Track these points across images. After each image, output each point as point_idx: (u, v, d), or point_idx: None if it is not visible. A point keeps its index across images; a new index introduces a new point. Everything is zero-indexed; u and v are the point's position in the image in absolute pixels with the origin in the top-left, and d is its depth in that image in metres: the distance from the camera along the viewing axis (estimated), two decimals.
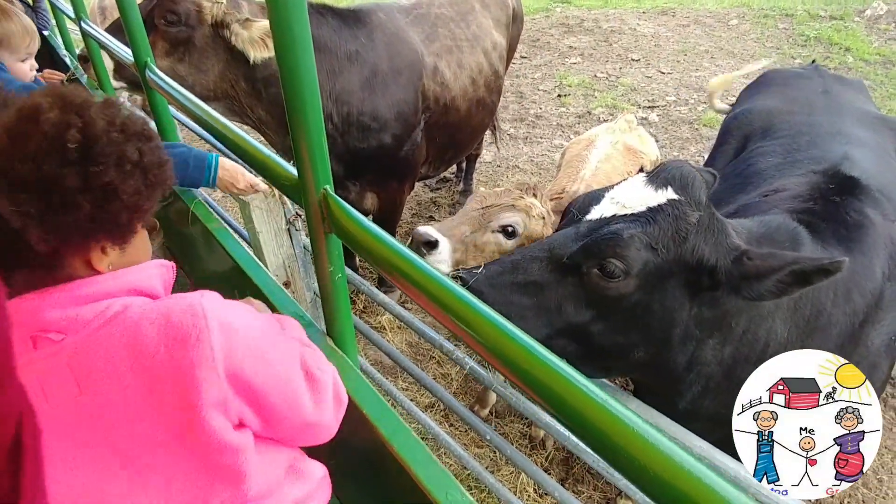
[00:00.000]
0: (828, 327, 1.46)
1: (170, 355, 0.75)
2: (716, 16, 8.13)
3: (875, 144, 2.04)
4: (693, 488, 0.61)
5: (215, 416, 0.76)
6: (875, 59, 6.50)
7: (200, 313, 0.77)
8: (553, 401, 0.73)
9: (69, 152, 0.75)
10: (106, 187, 0.78)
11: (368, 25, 2.80)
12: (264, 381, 0.82)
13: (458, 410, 2.27)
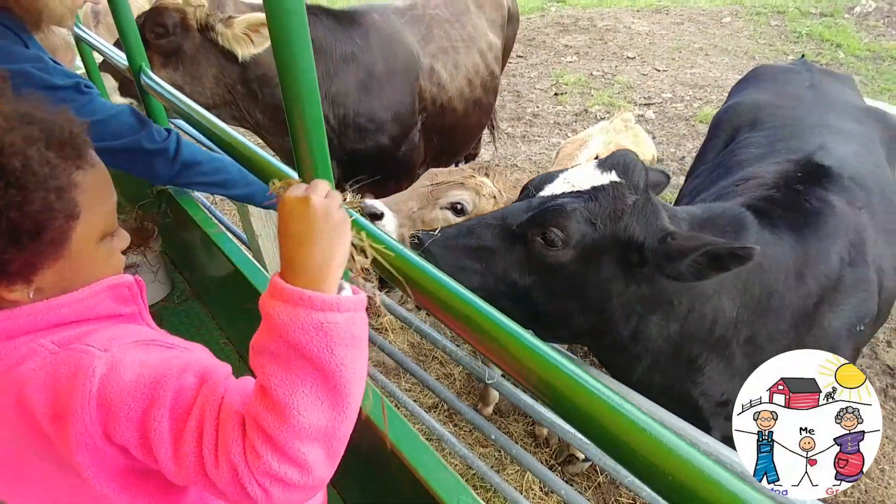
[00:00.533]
0: (781, 308, 1.53)
1: (52, 422, 0.70)
2: (709, 14, 8.17)
3: (859, 135, 2.07)
4: (707, 489, 0.61)
5: (90, 464, 0.72)
6: (865, 55, 6.54)
7: (88, 388, 0.69)
8: (566, 407, 0.73)
9: None
10: None
11: (364, 26, 2.80)
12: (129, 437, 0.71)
13: (461, 410, 2.27)
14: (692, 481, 0.62)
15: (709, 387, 1.59)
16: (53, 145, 0.72)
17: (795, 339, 1.57)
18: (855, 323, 1.62)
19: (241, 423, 0.67)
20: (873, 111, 2.31)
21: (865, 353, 3.09)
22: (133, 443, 0.69)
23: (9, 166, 0.67)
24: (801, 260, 1.55)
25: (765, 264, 1.50)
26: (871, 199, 1.79)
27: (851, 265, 1.60)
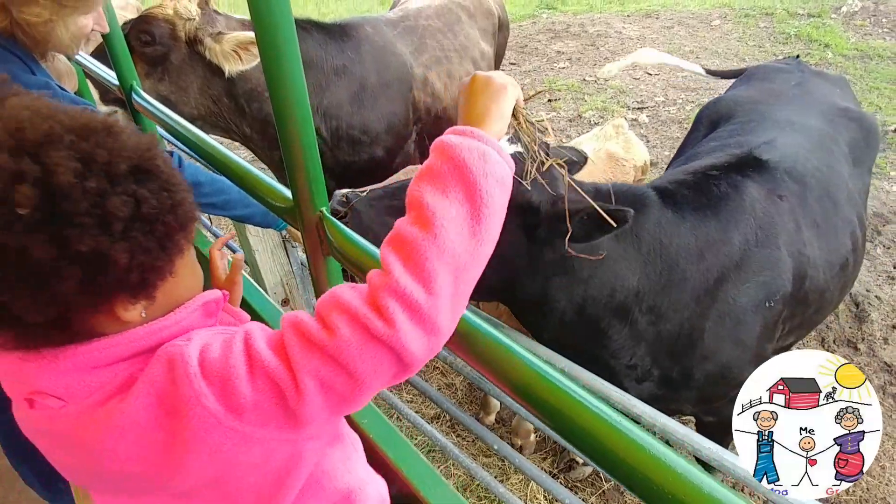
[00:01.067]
0: (682, 282, 1.66)
1: (165, 432, 0.66)
2: (698, 17, 8.23)
3: (821, 134, 2.18)
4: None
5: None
6: (853, 54, 6.60)
7: (189, 371, 0.65)
8: (567, 428, 0.72)
9: (21, 215, 0.55)
10: (89, 253, 0.59)
11: (355, 39, 2.81)
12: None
13: (463, 420, 2.26)
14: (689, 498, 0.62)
15: (616, 349, 1.72)
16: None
17: (698, 311, 1.70)
18: (763, 299, 1.74)
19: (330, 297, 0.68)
20: (851, 112, 2.36)
21: (862, 350, 3.10)
22: (258, 399, 0.64)
23: (155, 169, 0.66)
24: (703, 238, 1.68)
25: (665, 241, 1.64)
26: (805, 193, 1.91)
27: (757, 246, 1.73)
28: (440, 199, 0.69)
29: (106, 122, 0.65)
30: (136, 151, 0.64)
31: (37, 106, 0.61)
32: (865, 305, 3.31)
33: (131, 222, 0.61)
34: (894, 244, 3.81)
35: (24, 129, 0.58)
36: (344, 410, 0.68)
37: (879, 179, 4.48)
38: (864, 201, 2.30)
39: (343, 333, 0.64)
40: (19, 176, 0.55)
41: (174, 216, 0.67)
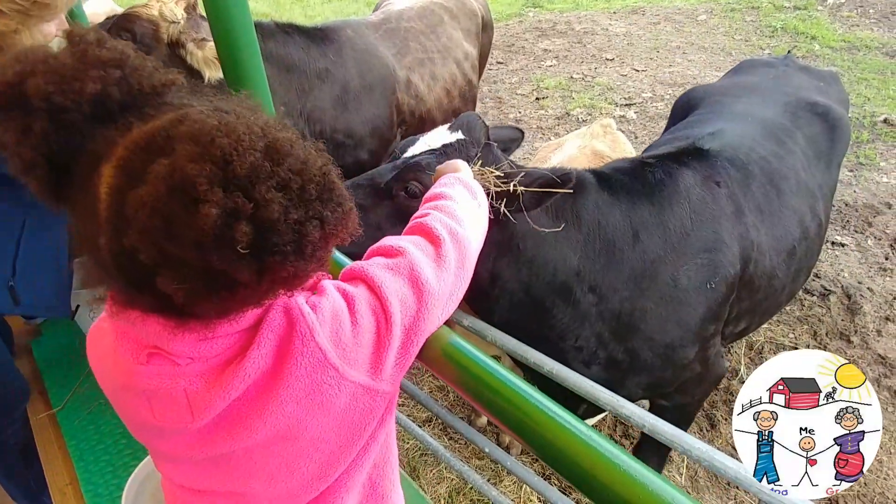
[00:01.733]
0: (620, 263, 1.73)
1: (275, 370, 0.73)
2: (684, 12, 8.25)
3: (774, 125, 2.25)
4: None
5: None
6: (841, 46, 6.62)
7: (306, 324, 0.74)
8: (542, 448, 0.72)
9: (239, 251, 0.59)
10: (285, 273, 0.64)
11: (337, 42, 2.79)
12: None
13: (455, 424, 2.23)
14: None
15: (562, 330, 1.78)
16: None
17: (637, 291, 1.76)
18: (704, 280, 1.81)
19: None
20: (818, 106, 2.39)
21: (856, 342, 3.09)
22: (357, 332, 0.75)
23: (334, 186, 0.69)
24: (637, 221, 1.75)
25: (603, 222, 1.71)
26: (747, 180, 1.99)
27: (694, 230, 1.79)
28: (451, 190, 1.08)
29: (290, 139, 0.66)
30: (319, 171, 0.66)
31: (231, 130, 0.61)
32: (858, 297, 3.30)
33: (319, 242, 0.66)
34: (885, 235, 3.81)
35: (232, 162, 0.59)
36: (413, 342, 0.80)
37: (869, 170, 4.48)
38: (828, 193, 2.34)
39: (412, 252, 0.84)
40: (235, 213, 0.58)
41: (346, 227, 0.71)
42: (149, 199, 0.58)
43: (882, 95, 5.50)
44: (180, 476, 0.83)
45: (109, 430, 1.80)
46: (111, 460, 1.70)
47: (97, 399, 1.92)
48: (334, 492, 0.82)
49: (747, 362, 3.02)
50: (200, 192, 0.57)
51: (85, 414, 1.86)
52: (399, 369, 0.79)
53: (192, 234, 0.57)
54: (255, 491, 0.78)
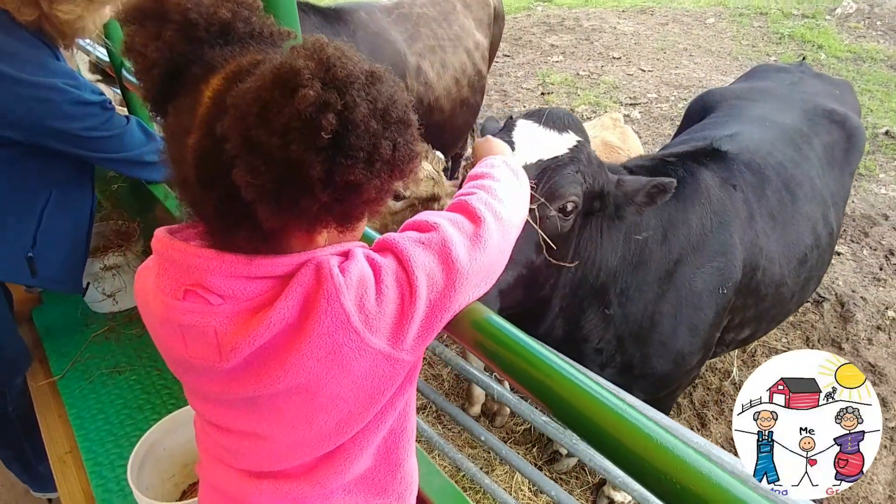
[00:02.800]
0: (649, 262, 1.70)
1: (299, 324, 0.75)
2: (693, 14, 8.24)
3: (792, 131, 2.24)
4: (705, 488, 0.61)
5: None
6: (846, 56, 6.65)
7: (333, 284, 0.74)
8: (561, 407, 0.73)
9: (321, 138, 0.64)
10: (349, 184, 0.68)
11: (350, 24, 2.77)
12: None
13: (450, 411, 2.26)
14: (690, 482, 0.62)
15: (589, 331, 1.76)
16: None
17: (658, 293, 1.74)
18: (717, 285, 1.79)
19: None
20: (836, 114, 2.39)
21: (847, 350, 3.14)
22: (382, 301, 0.76)
23: (412, 121, 0.74)
24: (666, 219, 1.73)
25: (637, 219, 1.68)
26: (762, 185, 1.97)
27: (713, 231, 1.79)
28: (496, 171, 1.04)
29: (385, 72, 0.73)
30: (402, 102, 0.73)
31: (340, 48, 0.71)
32: (851, 306, 3.35)
33: (387, 164, 0.71)
34: (881, 246, 3.86)
35: (335, 66, 0.67)
36: (437, 318, 0.81)
37: (868, 182, 4.52)
38: (840, 202, 2.34)
39: (445, 228, 0.84)
40: (326, 104, 0.64)
41: (412, 165, 0.76)
42: (252, 86, 0.66)
43: (885, 108, 5.54)
44: (209, 413, 0.87)
45: (111, 399, 1.79)
46: (112, 430, 1.69)
47: (99, 368, 1.91)
48: (349, 449, 0.85)
49: (740, 364, 3.06)
50: (302, 80, 0.64)
51: (86, 383, 1.85)
52: (421, 341, 0.81)
53: (282, 118, 0.63)
54: (275, 436, 0.81)
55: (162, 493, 1.38)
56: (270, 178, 0.65)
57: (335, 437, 0.83)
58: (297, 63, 0.65)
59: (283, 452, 0.83)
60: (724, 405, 2.87)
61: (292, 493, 0.85)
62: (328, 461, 0.85)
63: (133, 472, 1.27)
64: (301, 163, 0.64)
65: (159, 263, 0.80)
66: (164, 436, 1.41)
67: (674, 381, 1.90)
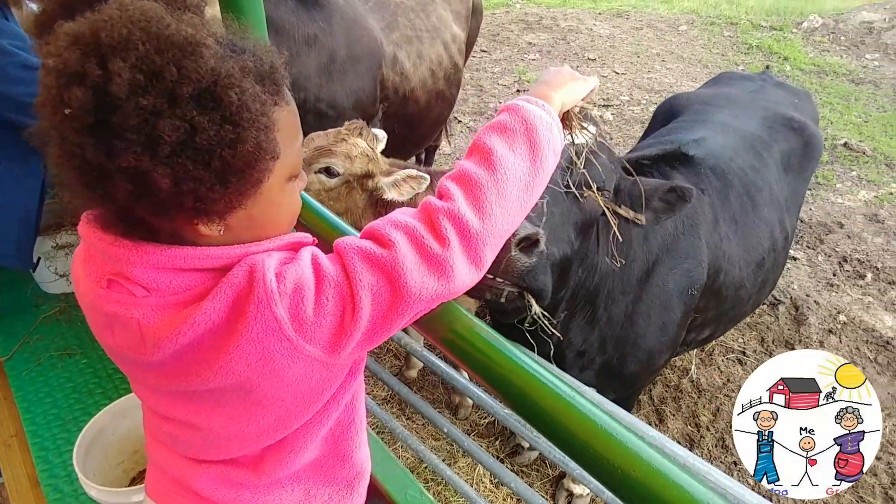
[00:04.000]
0: (633, 263, 1.71)
1: (228, 327, 0.71)
2: (667, 21, 8.39)
3: (753, 137, 2.30)
4: (654, 481, 0.62)
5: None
6: (810, 69, 6.88)
7: (265, 291, 0.69)
8: (519, 401, 0.73)
9: (69, 115, 0.57)
10: (130, 169, 0.59)
11: (327, 9, 2.72)
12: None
13: (415, 403, 2.25)
14: (641, 475, 0.62)
15: (574, 335, 1.75)
16: (261, 78, 0.68)
17: (637, 293, 1.76)
18: (686, 286, 1.84)
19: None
20: (794, 122, 2.47)
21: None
22: (319, 312, 0.71)
23: (226, 99, 0.62)
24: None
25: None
26: (726, 190, 2.03)
27: (684, 234, 1.83)
28: (507, 150, 0.80)
29: (192, 40, 0.62)
30: (210, 76, 0.62)
31: (136, 7, 0.61)
32: (804, 309, 3.47)
33: (180, 148, 0.60)
34: (835, 253, 4.01)
35: (103, 29, 0.58)
36: (379, 334, 0.75)
37: (826, 191, 4.69)
38: (795, 208, 2.43)
39: (401, 248, 0.73)
40: (80, 77, 0.57)
41: (233, 152, 0.64)
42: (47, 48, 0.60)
43: (844, 120, 5.76)
44: (147, 399, 0.84)
45: (59, 383, 1.72)
46: (60, 414, 1.63)
47: (48, 350, 1.84)
48: (293, 441, 0.83)
49: (697, 363, 3.15)
50: (61, 47, 0.58)
51: (34, 365, 1.78)
52: (360, 350, 0.76)
53: (44, 93, 0.59)
54: (213, 428, 0.79)
55: (110, 478, 1.34)
56: (66, 163, 0.61)
57: (275, 432, 0.80)
58: (68, 26, 0.59)
59: (222, 444, 0.80)
60: (682, 402, 2.94)
61: (237, 479, 0.83)
62: (273, 452, 0.83)
63: (79, 457, 1.23)
64: (75, 145, 0.59)
65: (86, 249, 0.75)
66: (112, 420, 1.37)
67: (642, 379, 1.94)
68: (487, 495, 2.42)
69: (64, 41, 0.59)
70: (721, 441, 2.76)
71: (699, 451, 2.74)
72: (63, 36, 0.59)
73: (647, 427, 1.52)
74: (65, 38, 0.59)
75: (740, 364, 3.16)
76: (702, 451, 2.74)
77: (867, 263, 3.86)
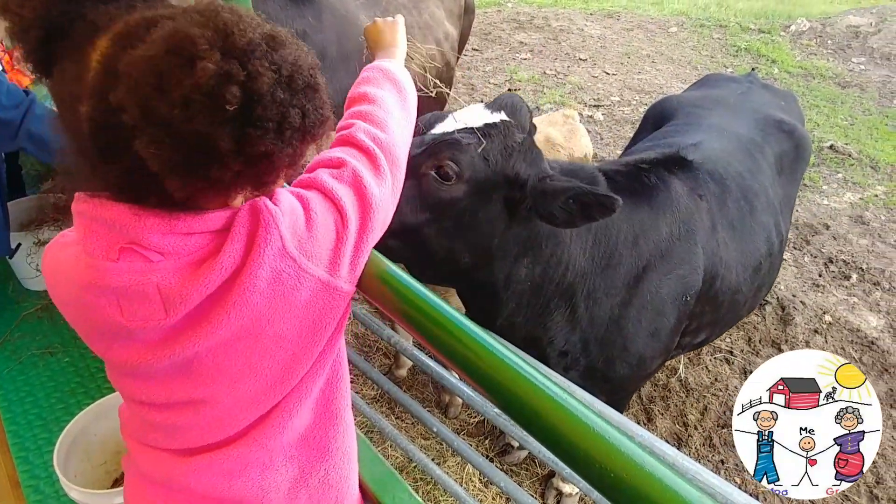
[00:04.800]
0: (618, 266, 1.69)
1: (239, 264, 0.75)
2: (657, 22, 8.44)
3: (747, 141, 2.30)
4: (642, 482, 0.61)
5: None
6: (798, 72, 6.95)
7: (268, 213, 0.76)
8: (507, 399, 0.72)
9: (226, 112, 0.62)
10: (260, 154, 0.67)
11: (317, 5, 2.69)
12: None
13: (404, 402, 2.24)
14: (631, 476, 0.62)
15: (555, 334, 1.73)
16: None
17: (625, 297, 1.74)
18: (681, 293, 1.81)
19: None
20: (784, 124, 2.48)
21: (785, 350, 3.29)
22: (314, 226, 0.78)
23: (321, 84, 0.74)
24: (638, 224, 1.73)
25: (609, 222, 1.66)
26: (724, 195, 2.01)
27: (679, 239, 1.81)
28: (376, 88, 1.01)
29: (287, 36, 0.72)
30: (308, 67, 0.73)
31: (236, 11, 0.68)
32: (791, 309, 3.51)
33: (297, 132, 0.70)
34: (821, 254, 4.05)
35: (234, 34, 0.65)
36: (364, 246, 0.84)
37: (812, 192, 4.74)
38: (788, 210, 2.44)
39: (351, 162, 0.87)
40: (228, 77, 0.62)
41: (322, 129, 0.75)
42: (145, 55, 0.62)
43: (830, 123, 5.82)
44: (140, 390, 0.82)
45: (41, 382, 1.68)
46: (42, 413, 1.60)
47: (29, 349, 1.80)
48: (289, 401, 0.84)
49: (686, 362, 3.17)
50: (200, 51, 0.61)
51: (15, 364, 1.74)
52: (354, 268, 0.83)
53: (182, 90, 0.61)
54: (217, 395, 0.79)
55: (92, 480, 1.31)
56: (177, 149, 0.63)
57: (280, 385, 0.81)
58: (192, 31, 0.62)
59: (223, 417, 0.81)
60: (670, 401, 2.96)
61: (228, 463, 0.83)
62: (266, 420, 0.84)
63: (59, 458, 1.20)
64: (208, 135, 0.63)
65: (86, 226, 0.75)
66: (94, 420, 1.34)
67: (633, 383, 1.93)
68: (476, 494, 2.42)
69: (190, 46, 0.61)
70: (708, 440, 2.77)
71: (687, 449, 2.76)
72: (186, 41, 0.62)
73: (637, 427, 1.52)
74: (189, 43, 0.62)
75: (727, 364, 3.18)
76: (689, 449, 2.75)
77: (852, 264, 3.91)
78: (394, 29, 1.19)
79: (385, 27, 1.20)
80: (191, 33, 0.62)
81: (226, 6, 0.68)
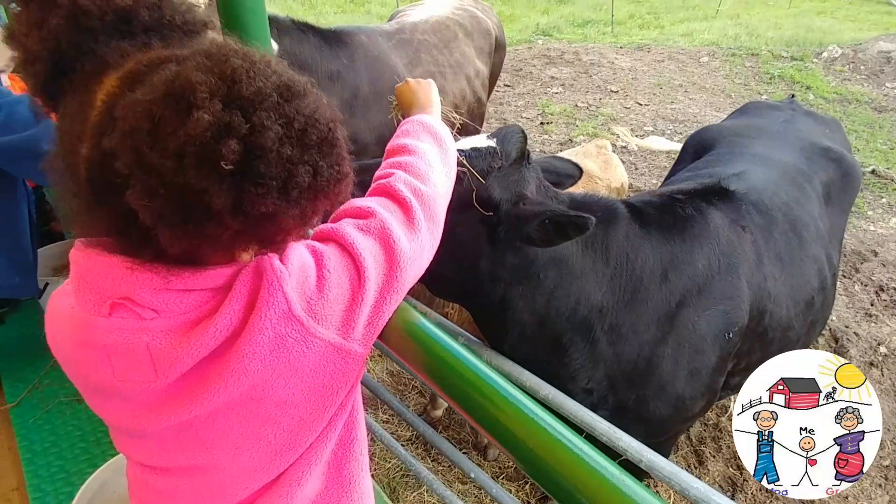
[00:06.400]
0: (645, 301, 1.61)
1: (240, 324, 0.70)
2: (688, 53, 8.43)
3: (794, 170, 2.20)
4: None
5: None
6: (833, 98, 6.81)
7: (274, 273, 0.70)
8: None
9: (221, 167, 0.56)
10: (261, 213, 0.61)
11: (350, 46, 2.77)
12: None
13: (440, 445, 2.17)
14: None
15: (575, 370, 1.64)
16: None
17: (658, 335, 1.64)
18: (723, 330, 1.70)
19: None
20: (832, 152, 2.38)
21: None
22: (325, 286, 0.72)
23: (339, 141, 0.68)
24: (668, 258, 1.64)
25: (632, 255, 1.59)
26: (770, 227, 1.91)
27: (720, 273, 1.70)
28: (416, 140, 0.98)
29: (305, 86, 0.66)
30: (327, 121, 0.66)
31: (249, 57, 0.62)
32: (844, 341, 3.32)
33: (307, 191, 0.64)
34: (871, 282, 3.86)
35: (240, 81, 0.59)
36: (385, 305, 0.76)
37: (857, 218, 4.56)
38: (837, 241, 2.32)
39: (380, 213, 0.80)
40: (228, 129, 0.57)
41: (339, 187, 0.69)
42: (142, 99, 0.57)
43: (870, 147, 5.65)
44: (140, 452, 0.78)
45: (66, 431, 1.64)
46: (65, 465, 1.54)
47: (57, 396, 1.76)
48: (297, 467, 0.78)
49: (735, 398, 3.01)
50: (198, 100, 0.56)
51: (42, 412, 1.70)
52: (371, 329, 0.76)
53: (176, 141, 0.55)
54: (219, 464, 0.73)
55: None
56: (170, 202, 0.57)
57: (286, 453, 0.75)
58: (194, 77, 0.57)
59: (226, 485, 0.75)
60: (722, 442, 2.79)
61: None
62: (273, 487, 0.77)
63: None
64: (202, 191, 0.57)
65: (80, 278, 0.71)
66: (115, 475, 1.28)
67: (674, 426, 1.82)
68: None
69: (190, 92, 0.56)
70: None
71: (742, 495, 2.59)
72: (186, 87, 0.57)
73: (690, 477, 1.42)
74: (188, 90, 0.56)
75: None
76: (745, 495, 2.58)
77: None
78: (427, 89, 1.15)
79: (418, 88, 1.15)
80: (192, 79, 0.57)
81: (240, 50, 0.62)
